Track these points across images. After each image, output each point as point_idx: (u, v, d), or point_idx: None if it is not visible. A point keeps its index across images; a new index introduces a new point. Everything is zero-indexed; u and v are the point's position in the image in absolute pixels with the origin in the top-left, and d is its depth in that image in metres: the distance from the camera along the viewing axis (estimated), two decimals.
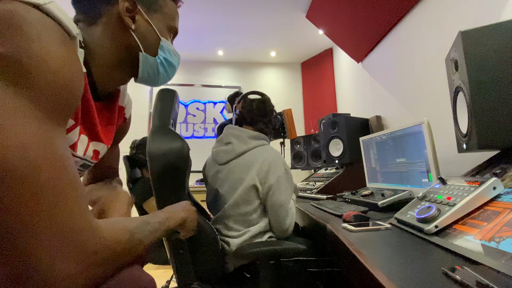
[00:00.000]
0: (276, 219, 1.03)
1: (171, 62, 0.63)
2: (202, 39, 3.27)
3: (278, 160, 1.06)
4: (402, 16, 1.71)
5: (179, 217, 0.62)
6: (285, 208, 1.03)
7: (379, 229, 0.69)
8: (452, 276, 0.36)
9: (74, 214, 0.37)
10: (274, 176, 1.03)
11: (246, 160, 1.07)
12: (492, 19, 0.88)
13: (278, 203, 1.02)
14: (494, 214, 0.49)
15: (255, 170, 1.03)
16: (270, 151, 1.10)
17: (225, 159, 1.11)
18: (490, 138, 0.67)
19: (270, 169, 1.03)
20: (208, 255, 0.95)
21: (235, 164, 1.08)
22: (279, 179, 1.03)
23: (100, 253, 0.39)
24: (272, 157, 1.06)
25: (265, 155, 1.07)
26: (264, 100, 1.22)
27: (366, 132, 1.84)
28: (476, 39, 0.70)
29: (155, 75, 0.61)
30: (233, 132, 1.15)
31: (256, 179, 1.03)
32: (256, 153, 1.08)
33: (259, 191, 1.04)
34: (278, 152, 1.12)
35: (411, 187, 1.05)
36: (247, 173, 1.04)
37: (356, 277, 0.51)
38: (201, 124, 3.69)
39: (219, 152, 1.14)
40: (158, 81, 0.63)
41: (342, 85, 3.13)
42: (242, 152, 1.09)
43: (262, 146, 1.12)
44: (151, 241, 0.50)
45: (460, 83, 0.75)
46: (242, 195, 1.03)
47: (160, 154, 0.84)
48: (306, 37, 3.20)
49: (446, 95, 0.93)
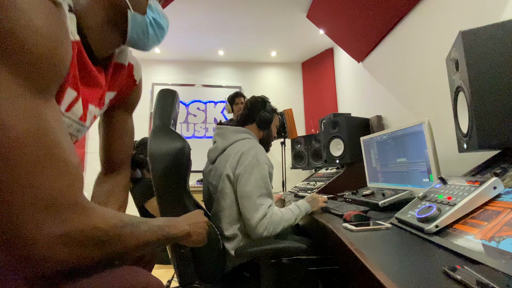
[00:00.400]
0: (244, 212, 0.98)
1: (161, 23, 0.61)
2: (203, 39, 3.27)
3: (251, 151, 1.04)
4: (402, 16, 1.71)
5: (182, 229, 0.60)
6: (252, 201, 0.96)
7: (380, 229, 0.69)
8: (453, 276, 0.37)
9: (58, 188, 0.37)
10: (242, 165, 1.01)
11: (227, 154, 1.09)
12: (493, 19, 0.88)
13: (243, 193, 0.98)
14: (495, 214, 0.49)
15: (229, 162, 1.04)
16: (248, 143, 1.09)
17: (213, 157, 1.14)
18: (491, 138, 0.67)
19: (240, 158, 1.03)
20: (210, 255, 0.95)
21: (219, 160, 1.11)
22: (246, 168, 1.00)
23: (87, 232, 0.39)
24: (246, 148, 1.05)
25: (241, 146, 1.07)
26: (255, 98, 1.24)
27: (366, 132, 1.84)
28: (477, 39, 0.70)
29: (145, 36, 0.59)
30: (218, 131, 1.19)
31: (229, 169, 1.03)
32: (235, 146, 1.10)
33: (231, 181, 1.03)
34: (257, 145, 1.09)
35: (412, 187, 1.05)
36: (225, 166, 1.05)
37: (357, 277, 0.51)
38: (201, 124, 3.69)
39: (209, 152, 1.19)
40: (148, 43, 0.61)
41: (342, 85, 3.13)
42: (224, 148, 1.12)
43: (243, 140, 1.12)
44: (145, 240, 0.49)
45: (460, 83, 0.75)
46: (220, 188, 1.04)
47: (161, 155, 0.84)
48: (307, 37, 3.20)
49: (447, 95, 0.93)
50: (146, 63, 3.73)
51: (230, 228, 1.02)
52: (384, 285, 0.38)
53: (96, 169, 0.75)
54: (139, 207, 1.63)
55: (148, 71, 3.73)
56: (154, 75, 3.73)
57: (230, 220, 1.03)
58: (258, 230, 0.95)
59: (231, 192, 1.03)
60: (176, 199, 0.89)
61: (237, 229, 1.02)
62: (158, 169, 0.84)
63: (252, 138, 1.16)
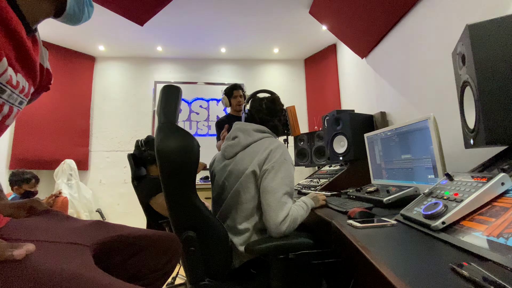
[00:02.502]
0: (266, 208, 0.97)
1: (92, 3, 0.65)
2: (205, 36, 3.26)
3: (278, 149, 1.06)
4: (407, 10, 1.69)
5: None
6: (276, 197, 0.96)
7: (385, 225, 0.68)
8: (460, 272, 0.36)
9: None
10: (270, 162, 1.02)
11: (251, 151, 1.09)
12: (500, 12, 0.87)
13: (269, 188, 0.98)
14: (503, 210, 0.48)
15: (257, 158, 1.05)
16: (274, 141, 1.11)
17: (232, 152, 1.13)
18: (498, 133, 0.66)
19: (268, 155, 1.04)
20: (218, 252, 0.96)
21: (241, 155, 1.10)
22: (275, 164, 1.01)
23: None
24: (274, 146, 1.07)
25: (268, 144, 1.08)
26: (273, 99, 1.22)
27: (370, 129, 1.83)
28: (484, 33, 0.69)
29: (81, 13, 0.61)
30: (239, 127, 1.17)
31: (256, 165, 1.04)
32: (260, 143, 1.10)
33: (257, 176, 1.03)
34: (282, 144, 1.11)
35: (417, 184, 1.04)
36: (251, 162, 1.05)
37: (362, 273, 0.51)
38: (204, 122, 3.69)
39: (227, 147, 1.17)
40: (81, 20, 0.63)
41: (346, 81, 3.10)
42: (248, 144, 1.11)
43: (267, 138, 1.14)
44: None
45: (467, 77, 0.74)
46: (242, 182, 1.04)
47: (171, 152, 0.84)
48: (309, 33, 3.18)
49: (453, 90, 0.92)
50: (148, 61, 3.73)
51: (244, 222, 1.03)
52: (390, 281, 0.37)
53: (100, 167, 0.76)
54: (144, 204, 1.64)
55: (150, 69, 3.73)
56: (156, 73, 3.73)
57: (246, 215, 1.03)
58: (281, 228, 0.94)
59: (254, 187, 1.04)
60: (184, 197, 0.89)
61: (250, 224, 1.03)
62: (167, 167, 0.84)
63: (275, 137, 1.18)
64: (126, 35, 3.19)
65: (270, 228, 0.96)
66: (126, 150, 3.42)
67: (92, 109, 3.55)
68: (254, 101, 1.22)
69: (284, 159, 1.03)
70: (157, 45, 3.44)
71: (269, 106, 1.19)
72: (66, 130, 3.30)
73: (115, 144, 3.50)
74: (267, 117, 1.18)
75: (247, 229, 1.03)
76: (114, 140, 3.51)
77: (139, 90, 3.69)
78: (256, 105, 1.20)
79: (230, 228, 1.05)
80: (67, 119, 3.32)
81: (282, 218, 0.94)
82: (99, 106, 3.58)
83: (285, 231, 0.95)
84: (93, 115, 3.55)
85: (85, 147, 3.41)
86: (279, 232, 0.95)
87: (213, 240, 0.95)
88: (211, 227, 0.95)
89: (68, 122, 3.33)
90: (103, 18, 2.75)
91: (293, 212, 0.99)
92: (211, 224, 0.95)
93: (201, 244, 0.92)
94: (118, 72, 3.69)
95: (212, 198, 1.21)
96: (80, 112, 3.45)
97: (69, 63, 3.40)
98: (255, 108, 1.20)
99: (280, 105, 1.23)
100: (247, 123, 1.17)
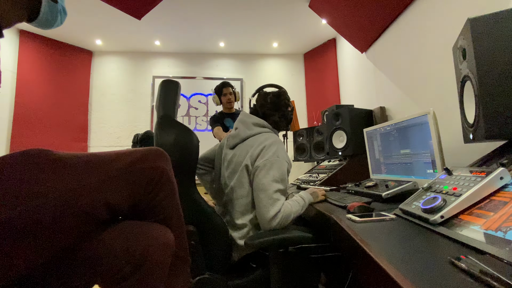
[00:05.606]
0: (259, 204, 0.99)
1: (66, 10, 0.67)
2: (203, 31, 3.23)
3: (272, 146, 1.06)
4: (407, 3, 1.67)
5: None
6: (267, 194, 0.97)
7: (384, 219, 0.69)
8: (458, 265, 0.37)
9: None
10: (263, 159, 1.02)
11: (247, 144, 1.09)
12: (502, 6, 0.86)
13: (260, 186, 0.99)
14: (501, 204, 0.48)
15: (250, 153, 1.05)
16: (270, 137, 1.10)
17: (233, 143, 1.15)
18: (498, 128, 0.66)
19: (261, 151, 1.04)
20: (218, 246, 0.97)
21: (239, 148, 1.11)
22: (267, 162, 1.01)
23: None
24: (269, 142, 1.07)
25: (263, 139, 1.08)
26: (279, 93, 1.22)
27: (370, 124, 1.83)
28: (485, 26, 0.68)
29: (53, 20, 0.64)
30: (242, 118, 1.19)
31: (249, 160, 1.04)
32: (257, 138, 1.10)
33: (249, 172, 1.04)
34: (278, 140, 1.11)
35: (416, 178, 1.04)
36: (245, 156, 1.06)
37: (361, 267, 0.51)
38: (203, 117, 3.68)
39: (229, 137, 1.18)
40: (53, 26, 0.66)
41: (345, 76, 3.09)
42: (246, 137, 1.12)
43: (265, 133, 1.13)
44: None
45: (468, 72, 0.74)
46: (238, 178, 1.05)
47: (170, 147, 0.84)
48: (309, 27, 3.15)
49: (453, 84, 0.91)
50: (146, 55, 3.70)
51: (242, 217, 1.04)
52: (389, 274, 0.38)
53: None
54: None
55: (148, 64, 3.70)
56: (155, 68, 3.70)
57: (242, 210, 1.04)
58: (272, 224, 0.96)
59: (248, 182, 1.04)
60: (185, 192, 0.89)
61: (247, 219, 1.04)
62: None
63: (273, 132, 1.17)
64: (124, 29, 3.15)
65: (261, 223, 0.98)
66: (125, 145, 3.41)
67: (90, 104, 3.53)
68: (260, 95, 1.22)
69: (277, 157, 1.03)
70: (155, 39, 3.41)
71: (274, 100, 1.19)
72: (64, 125, 3.29)
73: (114, 139, 3.49)
74: (270, 112, 1.18)
75: (245, 225, 1.04)
76: (113, 135, 3.50)
77: (137, 85, 3.67)
78: (260, 99, 1.21)
79: (229, 223, 1.06)
80: (65, 114, 3.31)
81: (273, 214, 0.95)
82: (97, 101, 3.56)
83: (276, 226, 0.96)
84: (91, 110, 3.53)
85: (83, 142, 3.40)
86: (270, 227, 0.96)
87: (213, 235, 0.96)
88: (210, 221, 0.96)
89: (66, 117, 3.31)
90: (100, 12, 2.71)
91: (286, 208, 0.99)
92: (211, 218, 0.96)
93: (201, 238, 0.93)
94: (116, 66, 3.66)
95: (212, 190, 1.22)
96: (78, 107, 3.43)
97: (66, 58, 3.37)
98: (260, 102, 1.21)
99: (285, 99, 1.22)
100: (249, 115, 1.18)
